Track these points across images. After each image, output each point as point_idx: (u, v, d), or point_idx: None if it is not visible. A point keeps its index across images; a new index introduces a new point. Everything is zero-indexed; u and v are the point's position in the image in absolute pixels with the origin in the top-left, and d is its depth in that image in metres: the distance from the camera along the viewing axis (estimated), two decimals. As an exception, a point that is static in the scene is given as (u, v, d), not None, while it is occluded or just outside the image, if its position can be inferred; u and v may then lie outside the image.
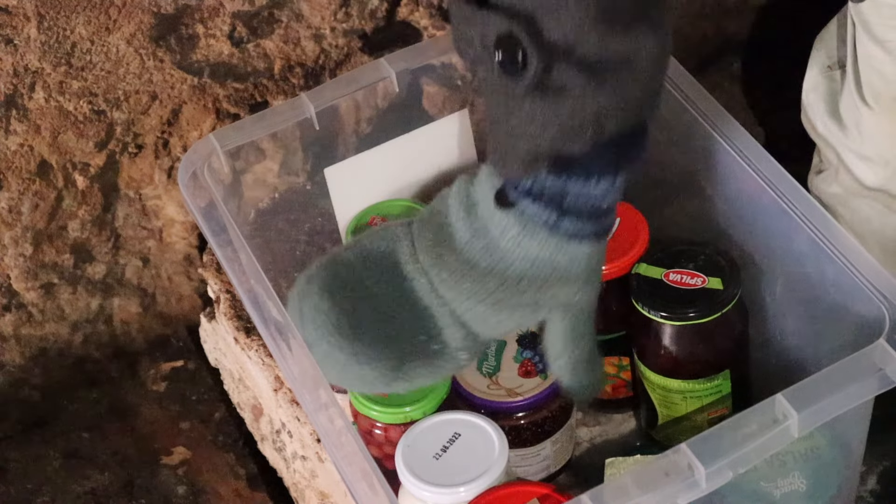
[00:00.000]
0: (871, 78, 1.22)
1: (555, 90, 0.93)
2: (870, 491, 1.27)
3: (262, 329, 1.13)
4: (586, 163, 0.97)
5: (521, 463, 1.18)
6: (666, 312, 1.12)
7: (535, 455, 1.18)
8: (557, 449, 1.19)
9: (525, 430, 1.15)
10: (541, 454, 1.18)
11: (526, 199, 0.99)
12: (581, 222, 1.00)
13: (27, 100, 1.31)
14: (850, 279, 1.06)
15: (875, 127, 1.24)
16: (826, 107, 1.30)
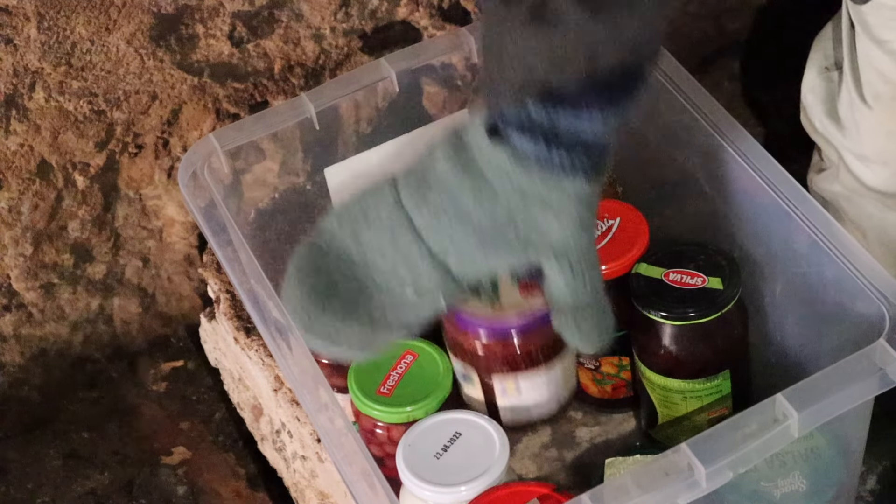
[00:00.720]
0: (870, 78, 1.22)
1: (551, 20, 0.91)
2: (869, 491, 1.27)
3: (262, 329, 1.13)
4: (577, 96, 0.95)
5: (533, 392, 1.18)
6: (666, 312, 1.12)
7: (547, 382, 1.18)
8: (565, 370, 1.20)
9: (537, 350, 1.16)
10: (552, 379, 1.19)
11: (516, 131, 0.97)
12: (571, 156, 0.97)
13: (27, 100, 1.31)
14: (850, 279, 1.06)
15: (874, 127, 1.24)
16: (824, 107, 1.31)
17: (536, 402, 1.19)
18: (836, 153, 1.30)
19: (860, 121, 1.25)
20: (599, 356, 1.21)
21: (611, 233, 1.19)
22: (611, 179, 1.25)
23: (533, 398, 1.18)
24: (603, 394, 1.25)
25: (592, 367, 1.23)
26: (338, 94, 1.24)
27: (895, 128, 1.22)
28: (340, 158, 1.26)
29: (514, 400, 1.18)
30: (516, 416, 1.20)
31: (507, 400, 1.18)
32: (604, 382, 1.24)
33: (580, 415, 1.27)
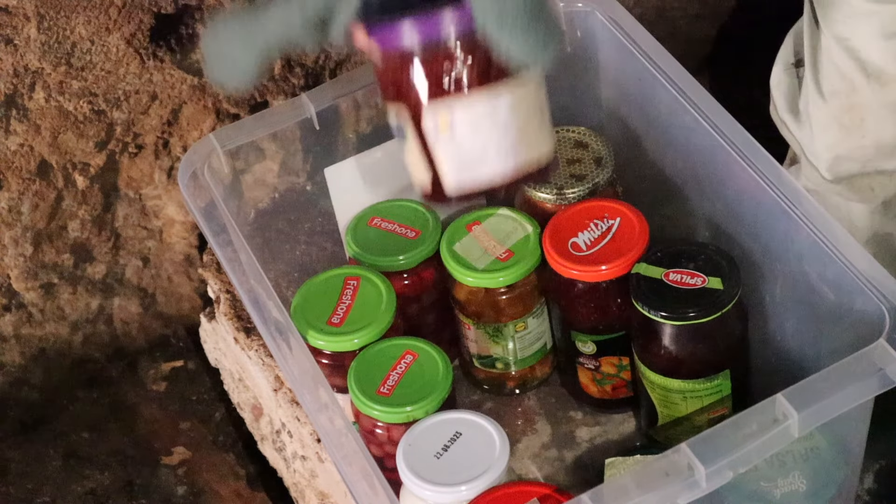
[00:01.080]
0: (828, 72, 1.22)
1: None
2: (867, 490, 1.27)
3: (262, 329, 1.13)
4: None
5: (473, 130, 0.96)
6: (666, 312, 1.12)
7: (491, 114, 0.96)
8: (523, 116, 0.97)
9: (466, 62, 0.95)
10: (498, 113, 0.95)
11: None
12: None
13: (27, 100, 1.31)
14: (850, 279, 1.06)
15: (827, 120, 1.24)
16: (786, 102, 1.31)
17: (479, 149, 0.96)
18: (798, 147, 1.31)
19: (814, 114, 1.25)
20: (598, 356, 1.21)
21: (611, 233, 1.19)
22: (611, 179, 1.25)
23: (473, 143, 0.95)
24: (603, 394, 1.25)
25: (592, 367, 1.23)
26: (338, 94, 1.24)
27: (847, 121, 1.22)
28: (340, 158, 1.26)
29: (450, 146, 0.96)
30: (460, 176, 0.97)
31: (442, 146, 0.96)
32: (604, 382, 1.24)
33: (580, 415, 1.27)
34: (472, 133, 0.95)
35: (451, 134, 0.95)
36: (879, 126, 1.20)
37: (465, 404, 1.27)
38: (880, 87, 1.18)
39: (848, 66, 1.19)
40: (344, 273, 1.21)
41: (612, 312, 1.19)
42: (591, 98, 1.31)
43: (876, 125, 1.20)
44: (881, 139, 1.21)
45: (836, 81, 1.21)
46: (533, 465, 1.24)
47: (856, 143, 1.22)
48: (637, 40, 1.23)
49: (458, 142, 0.95)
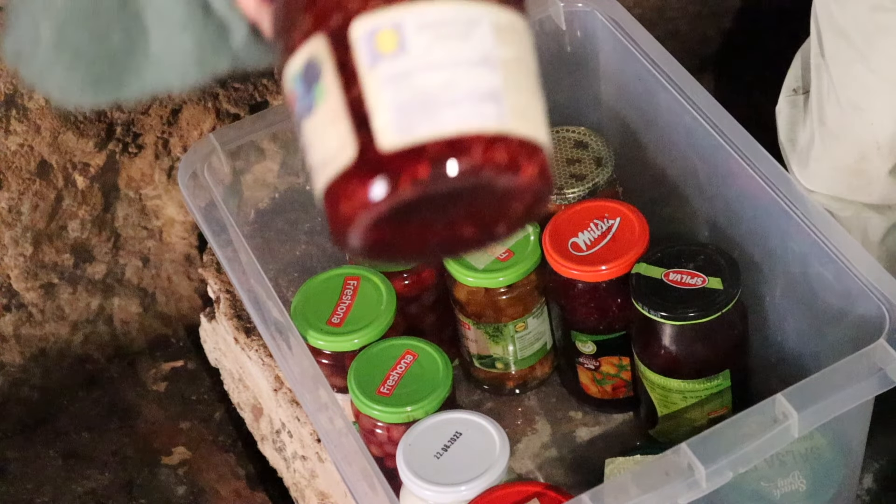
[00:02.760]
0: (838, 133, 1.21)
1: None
2: (866, 490, 1.27)
3: (262, 329, 1.13)
4: None
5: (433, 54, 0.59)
6: (666, 312, 1.12)
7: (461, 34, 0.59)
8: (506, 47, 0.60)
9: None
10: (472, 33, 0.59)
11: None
12: None
13: (27, 100, 1.31)
14: (850, 279, 1.06)
15: (832, 177, 1.23)
16: (784, 132, 1.30)
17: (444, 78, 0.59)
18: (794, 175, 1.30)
19: (818, 168, 1.24)
20: (598, 356, 1.21)
21: (611, 233, 1.19)
22: (611, 179, 1.25)
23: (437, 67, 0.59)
24: (603, 394, 1.25)
25: (592, 367, 1.23)
26: (338, 93, 1.23)
27: (855, 183, 1.22)
28: (340, 158, 1.25)
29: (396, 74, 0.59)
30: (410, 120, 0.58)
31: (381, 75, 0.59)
32: (604, 382, 1.24)
33: (580, 415, 1.27)
34: (434, 49, 0.59)
35: (399, 52, 0.58)
36: (888, 189, 1.20)
37: (465, 404, 1.27)
38: (892, 159, 1.17)
39: (860, 135, 1.18)
40: (344, 273, 1.21)
41: (612, 312, 1.19)
42: (591, 98, 1.31)
43: (883, 189, 1.20)
44: (888, 197, 1.20)
45: (844, 145, 1.20)
46: (533, 465, 1.24)
47: (862, 196, 1.21)
48: (637, 40, 1.23)
49: (409, 65, 0.58)
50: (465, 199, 0.59)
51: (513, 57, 0.60)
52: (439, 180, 0.57)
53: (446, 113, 0.58)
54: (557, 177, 1.24)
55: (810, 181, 1.23)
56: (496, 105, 0.58)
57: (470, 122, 0.58)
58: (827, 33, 1.19)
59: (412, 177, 0.56)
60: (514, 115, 0.59)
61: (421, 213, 0.59)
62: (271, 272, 1.27)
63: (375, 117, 0.57)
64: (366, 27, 0.58)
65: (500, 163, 0.57)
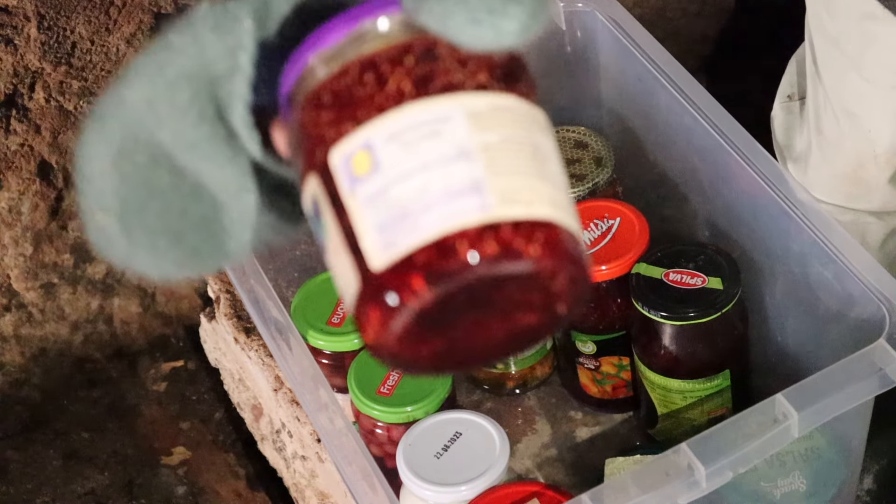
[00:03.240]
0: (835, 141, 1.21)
1: None
2: (867, 490, 1.27)
3: (262, 329, 1.13)
4: None
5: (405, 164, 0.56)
6: (666, 312, 1.12)
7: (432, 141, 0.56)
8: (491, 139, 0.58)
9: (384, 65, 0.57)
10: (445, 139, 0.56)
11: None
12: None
13: (27, 100, 1.31)
14: (850, 279, 1.06)
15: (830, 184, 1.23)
16: (781, 137, 1.30)
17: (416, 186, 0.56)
18: None
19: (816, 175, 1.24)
20: (598, 356, 1.21)
21: (611, 233, 1.19)
22: (611, 179, 1.25)
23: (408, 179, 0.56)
24: (603, 394, 1.25)
25: (592, 367, 1.23)
26: (338, 94, 1.23)
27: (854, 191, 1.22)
28: (340, 158, 1.25)
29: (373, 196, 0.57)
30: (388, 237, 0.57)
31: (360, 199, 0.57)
32: (604, 382, 1.24)
33: (580, 415, 1.27)
34: (405, 158, 0.57)
35: (374, 171, 0.57)
36: (887, 197, 1.20)
37: (465, 404, 1.27)
38: (891, 168, 1.17)
39: (857, 143, 1.18)
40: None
41: (612, 312, 1.19)
42: (591, 98, 1.31)
43: (882, 196, 1.20)
44: (887, 204, 1.20)
45: (842, 153, 1.20)
46: (533, 465, 1.24)
47: (861, 204, 1.21)
48: (637, 40, 1.23)
49: (383, 181, 0.57)
50: (487, 295, 0.57)
51: (498, 140, 0.57)
52: (436, 286, 0.55)
53: (424, 218, 0.55)
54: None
55: (809, 189, 1.23)
56: (478, 196, 0.55)
57: (450, 221, 0.55)
58: (819, 42, 1.19)
59: (409, 290, 0.55)
60: (503, 200, 0.55)
61: (452, 319, 0.57)
62: (271, 272, 1.27)
63: (363, 241, 0.56)
64: (342, 154, 0.57)
65: (491, 254, 0.55)
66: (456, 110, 0.56)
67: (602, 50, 1.28)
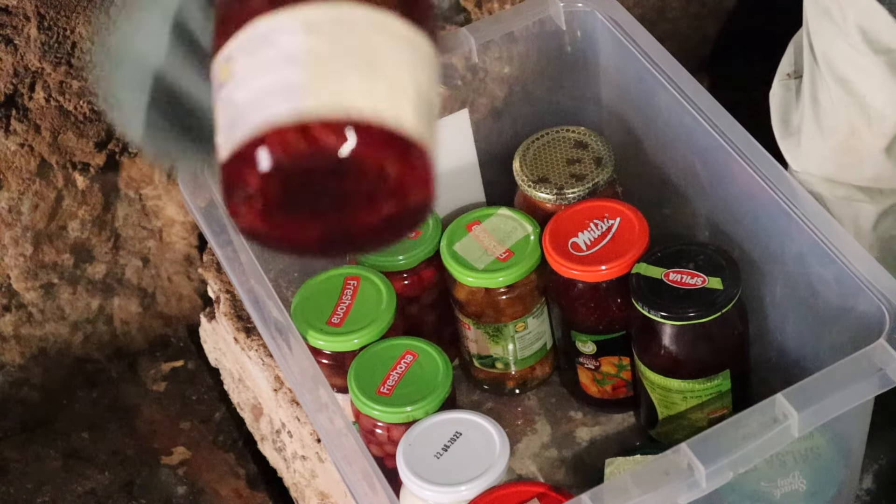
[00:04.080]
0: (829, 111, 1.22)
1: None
2: (866, 490, 1.27)
3: (262, 329, 1.13)
4: None
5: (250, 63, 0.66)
6: (666, 312, 1.12)
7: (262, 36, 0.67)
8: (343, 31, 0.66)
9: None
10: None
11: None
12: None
13: (27, 100, 1.31)
14: (850, 279, 1.06)
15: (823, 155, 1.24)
16: (778, 115, 1.30)
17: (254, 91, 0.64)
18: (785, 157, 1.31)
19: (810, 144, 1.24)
20: (598, 356, 1.21)
21: (611, 233, 1.19)
22: (611, 179, 1.25)
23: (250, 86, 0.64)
24: (603, 394, 1.25)
25: (592, 367, 1.23)
26: (338, 94, 1.23)
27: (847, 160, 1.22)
28: (340, 158, 1.25)
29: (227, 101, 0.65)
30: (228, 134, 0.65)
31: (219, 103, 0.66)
32: (604, 382, 1.24)
33: (580, 415, 1.27)
34: (248, 67, 0.64)
35: (229, 78, 0.65)
36: (879, 167, 1.20)
37: (465, 404, 1.27)
38: (883, 133, 1.17)
39: (850, 110, 1.18)
40: (344, 273, 1.21)
41: (612, 312, 1.19)
42: (591, 98, 1.31)
43: (875, 166, 1.20)
44: (879, 175, 1.20)
45: (835, 121, 1.20)
46: (533, 465, 1.24)
47: (856, 176, 1.21)
48: (637, 40, 1.23)
49: (232, 87, 0.64)
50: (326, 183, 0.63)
51: (327, 46, 0.62)
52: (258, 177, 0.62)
53: (250, 117, 0.62)
54: (557, 177, 1.24)
55: (802, 161, 1.22)
56: (294, 96, 0.61)
57: (267, 119, 0.62)
58: (811, 10, 1.19)
59: (241, 180, 0.62)
60: (317, 99, 0.61)
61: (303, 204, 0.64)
62: (271, 272, 1.27)
63: (218, 138, 0.65)
64: (217, 63, 0.65)
65: (298, 148, 0.61)
66: (294, 21, 0.62)
67: (602, 50, 1.28)
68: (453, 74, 1.28)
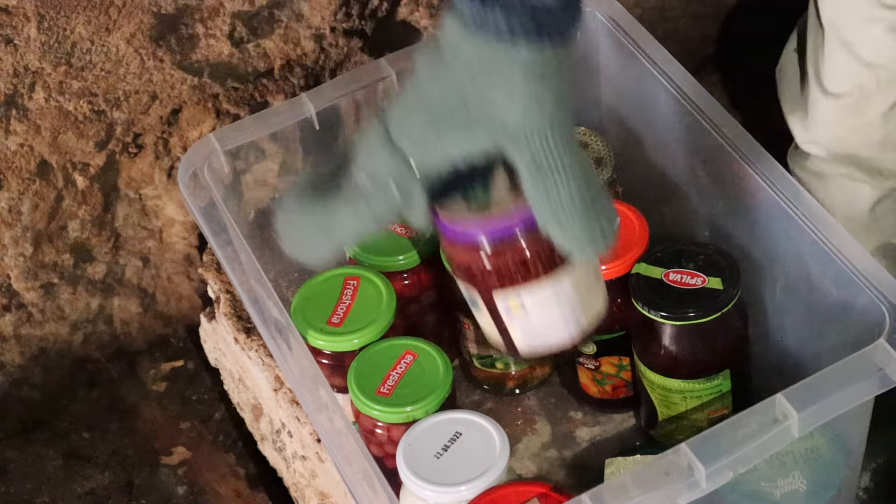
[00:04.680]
0: (832, 72, 1.22)
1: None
2: (864, 489, 1.27)
3: (262, 329, 1.13)
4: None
5: (541, 311, 1.00)
6: (666, 312, 1.12)
7: (554, 297, 1.00)
8: (583, 291, 1.02)
9: (533, 257, 0.98)
10: (561, 295, 1.00)
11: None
12: (509, 16, 0.86)
13: (27, 100, 1.31)
14: (850, 279, 1.06)
15: (832, 120, 1.24)
16: (786, 88, 1.31)
17: (548, 323, 1.01)
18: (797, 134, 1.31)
19: (818, 112, 1.25)
20: (598, 356, 1.21)
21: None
22: (611, 179, 1.25)
23: (543, 319, 1.01)
24: (603, 394, 1.25)
25: (592, 367, 1.23)
26: (338, 94, 1.24)
27: (855, 121, 1.22)
28: (340, 158, 1.25)
29: (522, 322, 1.02)
30: (532, 343, 1.03)
31: (515, 323, 1.02)
32: (604, 382, 1.24)
33: (580, 415, 1.27)
34: (541, 312, 1.00)
35: (523, 313, 1.01)
36: (889, 127, 1.20)
37: (465, 404, 1.27)
38: (892, 91, 1.17)
39: (857, 70, 1.19)
40: (344, 273, 1.21)
41: (612, 312, 1.18)
42: (591, 98, 1.31)
43: (885, 126, 1.20)
44: (889, 137, 1.21)
45: (843, 83, 1.21)
46: (533, 466, 1.24)
47: (863, 141, 1.22)
48: (637, 40, 1.23)
49: (528, 320, 1.01)
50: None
51: (584, 289, 1.01)
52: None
53: (552, 338, 1.02)
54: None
55: (809, 130, 1.23)
56: (578, 324, 1.02)
57: (564, 338, 1.02)
58: None
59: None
60: (588, 318, 1.02)
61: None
62: (271, 272, 1.27)
63: (513, 337, 1.02)
64: (503, 298, 0.99)
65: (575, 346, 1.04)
66: (566, 283, 0.99)
67: (602, 50, 1.28)
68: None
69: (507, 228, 0.96)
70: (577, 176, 0.91)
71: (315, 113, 1.22)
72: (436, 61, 0.90)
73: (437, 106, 0.90)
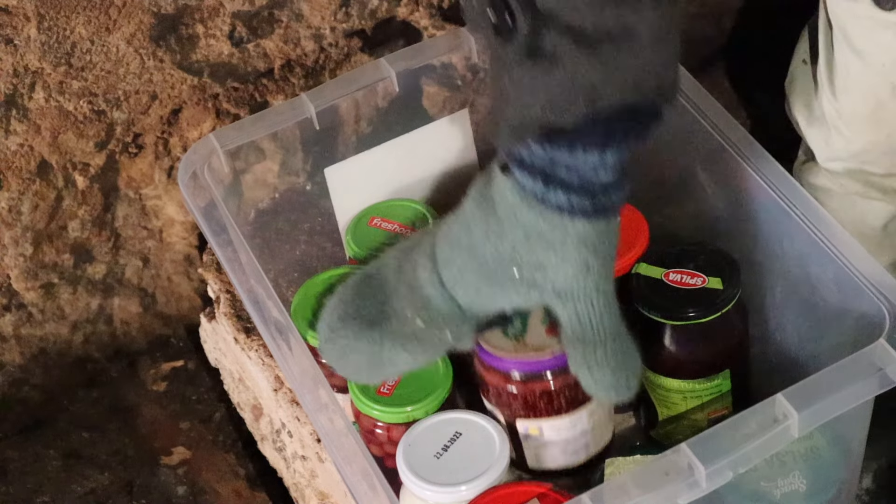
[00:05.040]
0: (846, 83, 1.22)
1: (546, 57, 0.90)
2: (865, 489, 1.27)
3: (262, 329, 1.13)
4: (575, 134, 0.94)
5: (557, 437, 1.12)
6: (666, 312, 1.12)
7: (571, 427, 1.12)
8: (596, 423, 1.14)
9: (558, 394, 1.10)
10: (577, 426, 1.12)
11: (518, 167, 0.96)
12: (570, 196, 0.96)
13: (27, 100, 1.31)
14: (850, 279, 1.06)
15: (848, 132, 1.24)
16: (799, 100, 1.30)
17: (561, 448, 1.14)
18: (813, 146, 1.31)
19: (834, 123, 1.24)
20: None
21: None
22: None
23: (557, 444, 1.13)
24: (603, 394, 1.25)
25: (592, 368, 1.23)
26: (338, 94, 1.24)
27: (872, 134, 1.22)
28: (340, 158, 1.26)
29: (537, 443, 1.13)
30: (540, 461, 1.14)
31: (530, 442, 1.13)
32: (604, 382, 1.24)
33: (580, 415, 1.27)
34: (556, 438, 1.12)
35: (539, 435, 1.12)
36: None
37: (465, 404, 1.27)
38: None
39: (872, 81, 1.18)
40: (344, 273, 1.21)
41: (612, 312, 1.19)
42: (591, 98, 1.31)
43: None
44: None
45: (858, 95, 1.20)
46: (533, 465, 1.24)
47: (880, 152, 1.21)
48: (637, 40, 1.23)
49: (543, 442, 1.12)
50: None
51: (598, 422, 1.13)
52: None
53: (560, 459, 1.14)
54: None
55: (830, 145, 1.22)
56: (587, 450, 1.14)
57: (571, 461, 1.14)
58: None
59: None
60: (597, 445, 1.14)
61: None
62: (271, 272, 1.27)
63: (524, 454, 1.13)
64: (524, 424, 1.11)
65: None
66: (584, 416, 1.11)
67: (602, 50, 1.27)
68: (453, 74, 1.29)
69: (539, 366, 1.08)
70: (614, 335, 1.01)
71: (315, 113, 1.22)
72: (489, 214, 0.99)
73: (490, 264, 1.00)
